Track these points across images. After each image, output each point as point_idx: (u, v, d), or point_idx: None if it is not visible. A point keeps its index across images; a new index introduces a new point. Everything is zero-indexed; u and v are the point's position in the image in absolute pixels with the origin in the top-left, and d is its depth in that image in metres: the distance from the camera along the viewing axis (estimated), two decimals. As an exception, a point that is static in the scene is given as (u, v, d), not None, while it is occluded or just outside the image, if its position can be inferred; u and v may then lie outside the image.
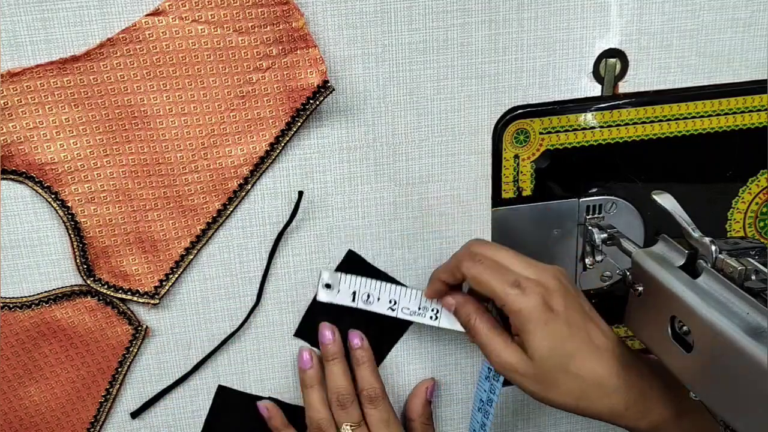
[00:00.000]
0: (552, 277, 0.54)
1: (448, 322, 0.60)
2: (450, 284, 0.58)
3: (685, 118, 0.62)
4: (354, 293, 0.61)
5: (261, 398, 0.64)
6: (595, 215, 0.64)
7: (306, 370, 0.61)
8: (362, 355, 0.62)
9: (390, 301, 0.61)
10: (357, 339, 0.62)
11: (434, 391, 0.66)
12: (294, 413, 0.64)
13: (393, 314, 0.61)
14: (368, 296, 0.61)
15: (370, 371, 0.62)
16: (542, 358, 0.52)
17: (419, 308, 0.61)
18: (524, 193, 0.63)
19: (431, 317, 0.61)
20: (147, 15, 0.53)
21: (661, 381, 0.54)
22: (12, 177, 0.55)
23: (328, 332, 0.62)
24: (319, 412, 0.61)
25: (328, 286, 0.61)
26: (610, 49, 0.60)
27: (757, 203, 0.66)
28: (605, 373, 0.53)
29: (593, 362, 0.53)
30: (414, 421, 0.65)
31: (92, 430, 0.62)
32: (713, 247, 0.49)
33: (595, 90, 0.61)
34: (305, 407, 0.62)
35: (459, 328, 0.59)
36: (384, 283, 0.61)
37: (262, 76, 0.55)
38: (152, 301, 0.59)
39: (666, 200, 0.54)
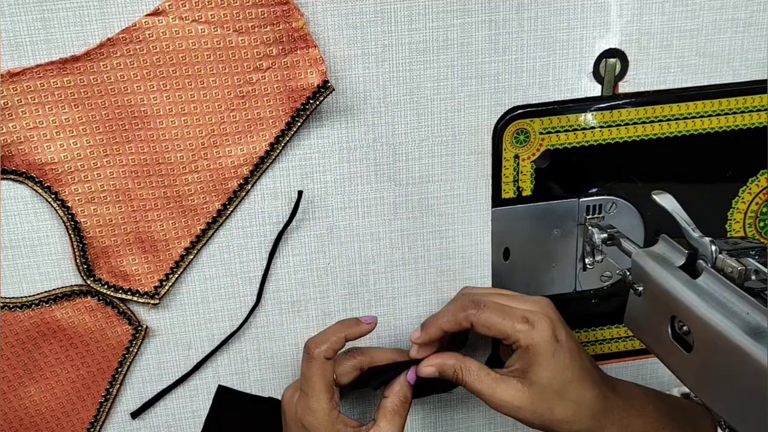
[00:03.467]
0: (551, 308, 0.57)
1: None
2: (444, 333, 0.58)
3: (685, 118, 0.62)
4: None
5: (262, 398, 0.64)
6: (595, 215, 0.64)
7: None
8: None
9: None
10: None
11: (415, 378, 0.60)
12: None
13: None
14: None
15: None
16: (542, 386, 0.55)
17: None
18: (524, 193, 0.63)
19: None
20: (147, 15, 0.53)
21: (626, 399, 0.58)
22: (12, 177, 0.55)
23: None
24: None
25: None
26: (610, 49, 0.60)
27: (757, 203, 0.66)
28: (594, 397, 0.56)
29: (586, 389, 0.56)
30: (387, 398, 0.59)
31: (92, 430, 0.62)
32: (713, 247, 0.49)
33: (595, 90, 0.61)
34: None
35: None
36: None
37: (262, 76, 0.55)
38: (152, 301, 0.59)
39: (666, 200, 0.54)
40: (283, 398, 0.60)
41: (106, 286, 0.58)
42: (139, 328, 0.60)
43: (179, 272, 0.59)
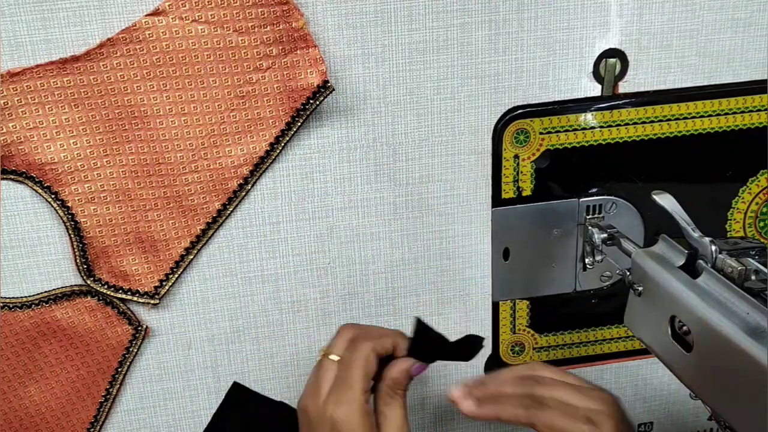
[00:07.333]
0: (615, 407, 0.55)
1: None
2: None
3: (685, 118, 0.62)
4: None
5: (273, 401, 0.64)
6: (595, 215, 0.64)
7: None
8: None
9: None
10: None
11: (421, 372, 0.58)
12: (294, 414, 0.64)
13: None
14: None
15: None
16: None
17: None
18: (524, 193, 0.63)
19: None
20: (147, 15, 0.53)
21: None
22: (12, 177, 0.55)
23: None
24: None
25: None
26: (610, 49, 0.60)
27: (757, 203, 0.66)
28: None
29: None
30: (384, 382, 0.56)
31: (92, 430, 0.62)
32: (713, 247, 0.49)
33: (595, 90, 0.61)
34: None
35: None
36: None
37: (262, 76, 0.55)
38: (152, 301, 0.59)
39: (666, 200, 0.54)
40: (302, 404, 0.55)
41: (106, 286, 0.58)
42: (139, 328, 0.60)
43: (179, 272, 0.59)
